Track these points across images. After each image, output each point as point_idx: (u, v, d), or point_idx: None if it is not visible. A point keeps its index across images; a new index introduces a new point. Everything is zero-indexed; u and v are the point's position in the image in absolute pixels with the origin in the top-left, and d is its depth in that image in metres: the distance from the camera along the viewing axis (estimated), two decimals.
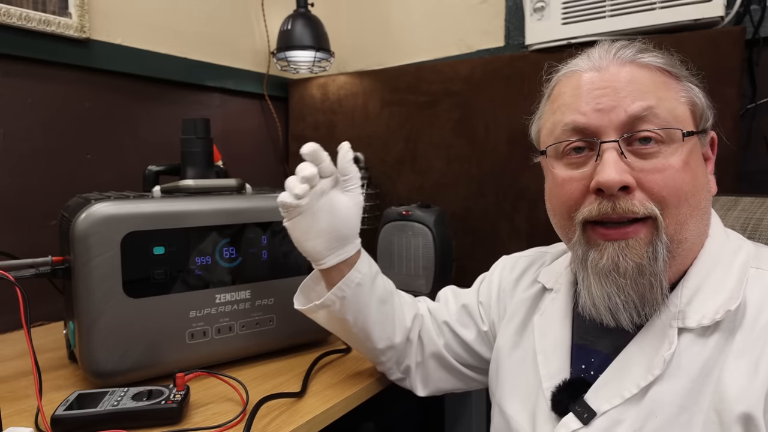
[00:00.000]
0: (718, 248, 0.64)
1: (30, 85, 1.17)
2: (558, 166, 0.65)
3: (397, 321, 0.83)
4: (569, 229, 0.65)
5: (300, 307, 0.84)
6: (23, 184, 1.16)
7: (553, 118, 0.66)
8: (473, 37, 1.52)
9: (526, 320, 0.76)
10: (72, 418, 0.69)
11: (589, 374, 0.65)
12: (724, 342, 0.57)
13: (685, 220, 0.60)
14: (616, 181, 0.58)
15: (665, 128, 0.60)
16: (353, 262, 0.80)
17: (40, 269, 0.82)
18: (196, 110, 1.51)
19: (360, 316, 0.80)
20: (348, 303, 0.79)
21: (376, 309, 0.81)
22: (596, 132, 0.61)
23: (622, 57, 0.63)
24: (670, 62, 0.64)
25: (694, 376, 0.57)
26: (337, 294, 0.78)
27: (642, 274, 0.59)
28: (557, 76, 0.69)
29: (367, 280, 0.80)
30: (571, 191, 0.63)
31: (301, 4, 1.54)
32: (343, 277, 0.78)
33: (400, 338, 0.83)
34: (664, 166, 0.59)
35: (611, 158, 0.59)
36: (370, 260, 0.83)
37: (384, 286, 0.83)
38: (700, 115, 0.64)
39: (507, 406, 0.72)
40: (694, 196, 0.60)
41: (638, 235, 0.59)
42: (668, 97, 0.62)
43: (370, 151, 1.57)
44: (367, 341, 0.83)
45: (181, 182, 0.92)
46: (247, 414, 0.72)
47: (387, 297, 0.83)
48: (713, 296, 0.60)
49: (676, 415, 0.57)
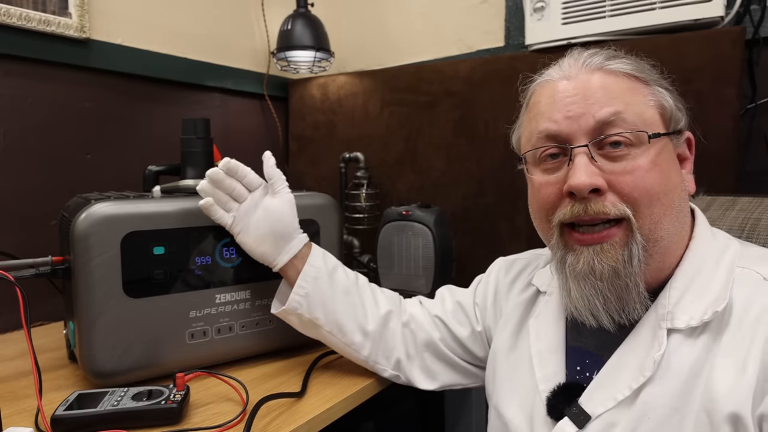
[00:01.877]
0: (704, 248, 0.64)
1: (30, 85, 1.17)
2: (535, 171, 0.68)
3: (369, 308, 0.86)
4: (548, 232, 0.67)
5: (274, 311, 0.88)
6: (23, 184, 1.16)
7: (530, 127, 0.69)
8: (473, 37, 1.52)
9: (521, 323, 0.77)
10: (72, 418, 0.69)
11: (585, 376, 0.66)
12: (712, 342, 0.58)
13: (659, 220, 0.61)
14: (586, 184, 0.60)
15: (633, 131, 0.61)
16: (305, 258, 0.85)
17: (40, 269, 0.82)
18: (196, 110, 1.51)
19: (328, 309, 0.84)
20: (312, 299, 0.84)
21: (341, 300, 0.85)
22: (568, 138, 0.63)
23: (591, 65, 0.66)
24: (638, 68, 0.66)
25: (684, 377, 0.58)
26: (299, 292, 0.83)
27: (618, 276, 0.61)
28: (533, 86, 0.71)
29: (323, 273, 0.85)
30: (547, 195, 0.65)
31: (301, 4, 1.54)
32: (300, 273, 0.84)
33: (373, 326, 0.85)
34: (633, 167, 0.61)
35: (582, 162, 0.61)
36: (325, 255, 0.88)
37: (346, 278, 0.87)
38: (670, 117, 0.65)
39: (504, 409, 0.73)
40: (666, 195, 0.62)
41: (613, 238, 0.61)
42: (636, 101, 0.63)
43: (370, 151, 1.57)
44: (342, 336, 0.85)
45: (181, 182, 0.92)
46: (247, 414, 0.72)
47: (351, 287, 0.86)
48: (701, 297, 0.60)
49: (667, 416, 0.57)
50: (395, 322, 0.86)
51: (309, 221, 0.97)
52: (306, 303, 0.83)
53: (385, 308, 0.86)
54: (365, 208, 1.52)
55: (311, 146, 1.73)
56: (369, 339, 0.85)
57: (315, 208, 0.98)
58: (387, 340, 0.86)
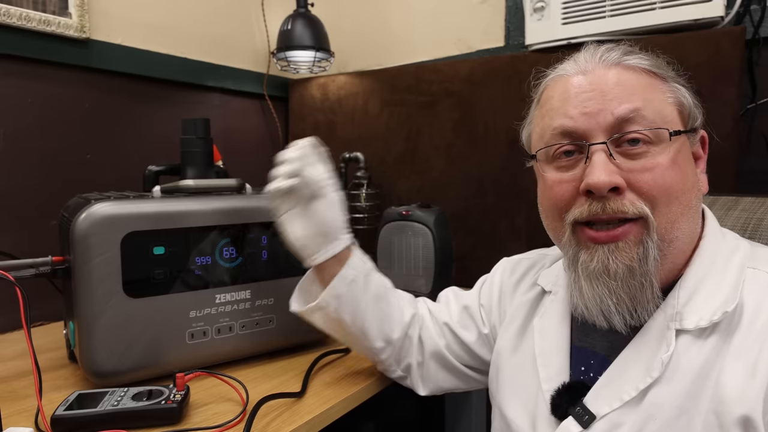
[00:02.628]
0: (714, 248, 0.64)
1: (30, 85, 1.17)
2: (548, 169, 0.66)
3: (395, 317, 0.84)
4: (560, 231, 0.65)
5: (297, 309, 0.84)
6: (23, 184, 1.16)
7: (543, 123, 0.67)
8: (473, 37, 1.52)
9: (526, 323, 0.76)
10: (72, 418, 0.68)
11: (589, 376, 0.65)
12: (721, 343, 0.57)
13: (675, 219, 0.60)
14: (605, 183, 0.58)
15: (652, 128, 0.60)
16: (344, 259, 0.81)
17: (40, 269, 0.82)
18: (196, 110, 1.51)
19: (357, 314, 0.81)
20: (343, 301, 0.80)
21: (372, 306, 0.81)
22: (584, 135, 0.62)
23: (608, 60, 0.64)
24: (656, 63, 0.65)
25: (693, 378, 0.57)
26: (332, 293, 0.80)
27: (633, 275, 0.59)
28: (545, 81, 0.69)
29: (361, 277, 0.81)
30: (562, 193, 0.63)
31: (301, 4, 1.54)
32: (336, 275, 0.80)
33: (398, 334, 0.83)
34: (652, 165, 0.59)
35: (600, 160, 0.60)
36: (363, 257, 0.84)
37: (379, 283, 0.84)
38: (688, 114, 0.64)
39: (507, 408, 0.72)
40: (684, 194, 0.61)
41: (628, 236, 0.60)
42: (655, 98, 0.62)
43: (370, 151, 1.57)
44: (365, 340, 0.83)
45: (181, 182, 0.92)
46: (247, 414, 0.72)
47: (382, 293, 0.83)
48: (710, 297, 0.60)
49: (675, 417, 0.57)
50: (414, 331, 0.85)
51: None
52: (336, 303, 0.80)
53: (408, 317, 0.85)
54: (365, 208, 1.52)
55: None
56: (390, 346, 0.84)
57: None
58: (405, 348, 0.85)
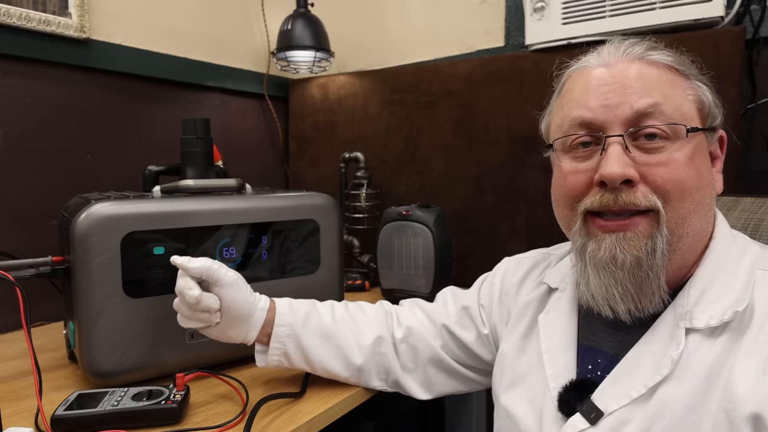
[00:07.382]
0: (724, 249, 0.64)
1: (30, 85, 1.17)
2: (564, 159, 0.66)
3: (352, 345, 0.83)
4: (570, 220, 0.66)
5: (260, 365, 0.83)
6: (23, 184, 1.16)
7: (562, 113, 0.67)
8: (473, 37, 1.51)
9: (532, 322, 0.76)
10: (72, 418, 0.69)
11: (596, 374, 0.65)
12: (732, 343, 0.58)
13: (687, 215, 0.60)
14: (618, 174, 0.59)
15: (670, 124, 0.60)
16: (271, 321, 0.81)
17: (40, 269, 0.82)
18: (196, 110, 1.51)
19: (309, 359, 0.82)
20: (290, 354, 0.81)
21: (320, 347, 0.82)
22: (602, 127, 0.62)
23: (631, 54, 0.64)
24: (679, 60, 0.65)
25: (703, 377, 0.57)
26: (275, 353, 0.81)
27: (640, 266, 0.60)
28: (568, 72, 0.70)
29: (296, 327, 0.82)
30: (575, 182, 0.64)
31: (301, 4, 1.54)
32: (271, 336, 0.81)
33: (360, 359, 0.83)
34: (668, 160, 0.60)
35: (615, 152, 0.60)
36: (292, 307, 0.83)
37: (321, 321, 0.83)
38: (707, 113, 0.64)
39: (514, 407, 0.72)
40: (698, 192, 0.61)
41: (637, 227, 0.60)
42: (675, 94, 0.62)
43: (370, 151, 1.57)
44: (331, 375, 0.84)
45: (181, 182, 0.92)
46: (247, 414, 0.72)
47: (328, 330, 0.83)
48: (721, 297, 0.60)
49: (684, 415, 0.57)
50: (386, 346, 0.84)
51: (309, 221, 0.97)
52: (286, 359, 0.82)
53: (371, 337, 0.83)
54: (365, 208, 1.52)
55: (311, 146, 1.73)
56: (358, 371, 0.83)
57: (315, 208, 0.98)
58: (379, 365, 0.84)
